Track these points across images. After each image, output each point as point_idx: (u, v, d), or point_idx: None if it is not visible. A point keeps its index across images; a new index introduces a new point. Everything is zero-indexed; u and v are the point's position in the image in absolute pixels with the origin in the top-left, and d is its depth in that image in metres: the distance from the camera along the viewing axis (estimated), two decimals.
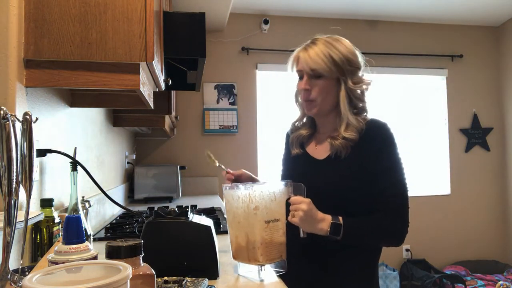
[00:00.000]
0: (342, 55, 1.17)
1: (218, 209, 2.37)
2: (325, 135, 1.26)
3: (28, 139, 0.71)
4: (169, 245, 1.01)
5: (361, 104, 1.22)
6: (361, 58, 1.23)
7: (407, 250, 3.84)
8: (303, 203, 1.07)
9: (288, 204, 1.09)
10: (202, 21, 1.58)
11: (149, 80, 1.38)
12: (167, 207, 2.50)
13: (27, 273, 0.78)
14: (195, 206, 2.47)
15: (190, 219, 1.05)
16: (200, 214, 1.22)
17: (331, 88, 1.19)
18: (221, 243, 1.50)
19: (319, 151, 1.26)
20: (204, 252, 1.01)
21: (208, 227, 1.04)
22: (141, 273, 0.63)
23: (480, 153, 4.11)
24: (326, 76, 1.17)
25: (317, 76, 1.18)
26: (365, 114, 1.24)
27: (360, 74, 1.22)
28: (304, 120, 1.34)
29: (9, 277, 0.68)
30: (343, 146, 1.16)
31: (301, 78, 1.22)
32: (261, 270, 1.02)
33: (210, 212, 2.25)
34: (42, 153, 1.18)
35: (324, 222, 1.09)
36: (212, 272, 1.02)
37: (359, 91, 1.20)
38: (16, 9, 1.02)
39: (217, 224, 1.83)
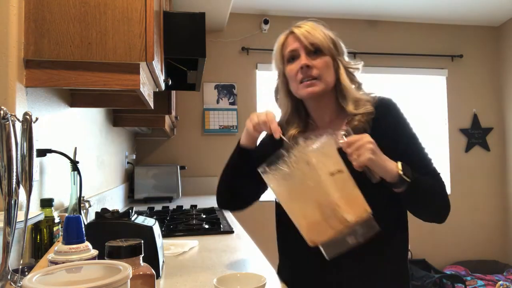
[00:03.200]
0: (334, 36, 1.12)
1: (218, 209, 2.37)
2: (325, 123, 1.15)
3: (28, 139, 0.71)
4: None
5: (356, 85, 1.14)
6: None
7: None
8: (364, 137, 0.92)
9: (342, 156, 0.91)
10: (202, 21, 1.58)
11: (149, 80, 1.38)
12: (167, 207, 2.52)
13: (27, 273, 0.78)
14: (195, 206, 2.48)
15: (133, 219, 1.05)
16: (143, 214, 1.22)
17: (330, 66, 1.09)
18: (221, 243, 1.51)
19: None
20: (146, 252, 1.02)
21: (151, 228, 1.05)
22: (141, 273, 0.63)
23: (480, 153, 4.11)
24: (325, 53, 1.08)
25: (316, 53, 1.08)
26: (363, 92, 1.15)
27: (346, 57, 1.15)
28: (288, 116, 1.18)
29: (9, 277, 0.68)
30: (364, 123, 1.06)
31: (293, 59, 1.10)
32: (354, 233, 0.83)
33: (210, 212, 2.25)
34: (42, 153, 1.18)
35: (390, 161, 0.94)
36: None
37: (353, 71, 1.14)
38: (16, 9, 1.02)
39: (217, 224, 1.84)
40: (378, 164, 0.92)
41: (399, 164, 0.95)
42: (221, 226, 1.80)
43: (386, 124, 1.07)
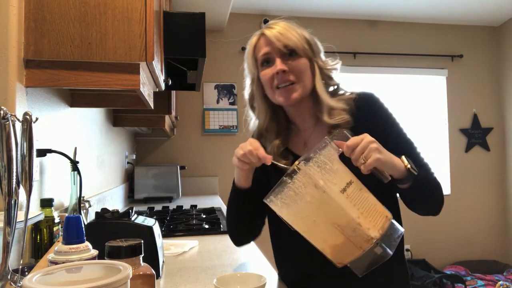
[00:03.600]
0: (308, 35, 1.06)
1: (218, 209, 2.37)
2: (308, 126, 1.09)
3: (28, 139, 0.71)
4: None
5: (335, 86, 1.09)
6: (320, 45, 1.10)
7: (407, 250, 3.83)
8: (365, 137, 0.85)
9: (345, 161, 0.85)
10: (202, 21, 1.58)
11: (149, 80, 1.38)
12: (167, 207, 2.52)
13: (27, 273, 0.78)
14: (195, 206, 2.48)
15: (133, 219, 1.05)
16: (143, 214, 1.22)
17: (307, 68, 1.03)
18: (221, 243, 1.51)
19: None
20: (146, 252, 1.02)
21: (151, 228, 1.05)
22: (141, 273, 0.63)
23: (480, 153, 4.11)
24: (301, 55, 1.02)
25: (291, 55, 1.02)
26: (343, 91, 1.09)
27: (322, 56, 1.09)
28: (267, 123, 1.10)
29: (9, 277, 0.68)
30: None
31: (267, 62, 1.04)
32: (380, 245, 0.78)
33: (210, 212, 2.25)
34: (42, 153, 1.18)
35: (394, 156, 0.90)
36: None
37: (330, 72, 1.07)
38: (16, 9, 1.02)
39: (217, 224, 1.84)
40: (386, 162, 0.86)
41: (403, 157, 0.91)
42: (221, 226, 1.80)
43: (371, 120, 1.03)
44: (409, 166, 0.90)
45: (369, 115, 1.03)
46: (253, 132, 1.17)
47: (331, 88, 1.09)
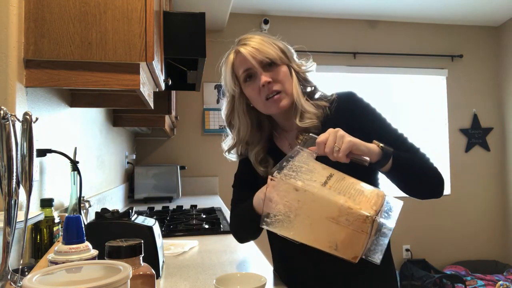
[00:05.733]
0: (281, 43, 1.08)
1: (218, 209, 2.37)
2: (293, 127, 1.11)
3: (28, 139, 0.71)
4: None
5: (312, 88, 1.12)
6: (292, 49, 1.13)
7: (407, 250, 3.84)
8: (331, 131, 0.89)
9: (322, 159, 0.87)
10: (202, 21, 1.58)
11: (149, 80, 1.38)
12: (167, 207, 2.52)
13: (27, 273, 0.78)
14: (195, 206, 2.48)
15: (133, 219, 1.05)
16: (143, 214, 1.22)
17: (288, 75, 1.06)
18: (221, 243, 1.51)
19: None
20: (146, 252, 1.02)
21: (151, 228, 1.05)
22: (141, 273, 0.63)
23: (480, 153, 4.11)
24: (279, 64, 1.05)
25: (271, 66, 1.05)
26: (322, 93, 1.12)
27: (296, 59, 1.11)
28: (249, 135, 1.13)
29: (9, 277, 0.68)
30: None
31: (249, 77, 1.07)
32: (378, 221, 0.76)
33: (210, 212, 2.25)
34: (42, 153, 1.18)
35: (366, 142, 0.92)
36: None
37: (306, 75, 1.10)
38: (16, 9, 1.02)
39: (217, 224, 1.84)
40: (359, 144, 0.88)
41: (375, 141, 0.93)
42: (221, 226, 1.80)
43: (350, 117, 1.05)
44: (381, 145, 0.92)
45: (348, 113, 1.05)
46: (236, 149, 1.18)
47: (308, 89, 1.11)
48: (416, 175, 1.00)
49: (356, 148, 0.87)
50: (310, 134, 0.91)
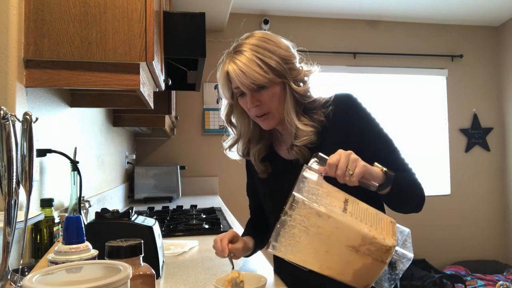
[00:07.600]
0: (275, 56, 1.00)
1: (218, 209, 2.37)
2: (290, 131, 1.09)
3: (28, 139, 0.71)
4: None
5: (309, 100, 1.07)
6: (293, 49, 1.06)
7: None
8: (342, 153, 0.85)
9: (331, 181, 0.85)
10: (202, 21, 1.58)
11: (149, 80, 1.38)
12: (167, 207, 2.52)
13: (27, 273, 0.78)
14: (195, 206, 2.48)
15: (133, 219, 1.05)
16: (143, 214, 1.22)
17: (279, 94, 1.02)
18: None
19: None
20: (146, 252, 1.02)
21: (151, 228, 1.05)
22: (141, 273, 0.63)
23: (480, 153, 4.11)
24: (269, 86, 1.01)
25: (260, 87, 1.01)
26: (319, 101, 1.07)
27: (298, 66, 1.05)
28: (250, 133, 1.14)
29: (9, 277, 0.68)
30: (301, 151, 1.03)
31: (241, 95, 1.05)
32: (399, 249, 0.76)
33: (210, 212, 2.25)
34: (42, 153, 1.18)
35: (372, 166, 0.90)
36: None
37: (303, 89, 1.04)
38: (16, 9, 1.02)
39: (217, 224, 1.84)
40: (371, 169, 0.87)
41: (376, 163, 0.92)
42: (221, 226, 1.80)
43: (348, 120, 1.03)
44: (385, 169, 0.91)
45: (345, 115, 1.04)
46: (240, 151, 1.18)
47: (306, 100, 1.07)
48: (406, 197, 1.01)
49: (369, 173, 0.86)
50: (320, 154, 0.87)
